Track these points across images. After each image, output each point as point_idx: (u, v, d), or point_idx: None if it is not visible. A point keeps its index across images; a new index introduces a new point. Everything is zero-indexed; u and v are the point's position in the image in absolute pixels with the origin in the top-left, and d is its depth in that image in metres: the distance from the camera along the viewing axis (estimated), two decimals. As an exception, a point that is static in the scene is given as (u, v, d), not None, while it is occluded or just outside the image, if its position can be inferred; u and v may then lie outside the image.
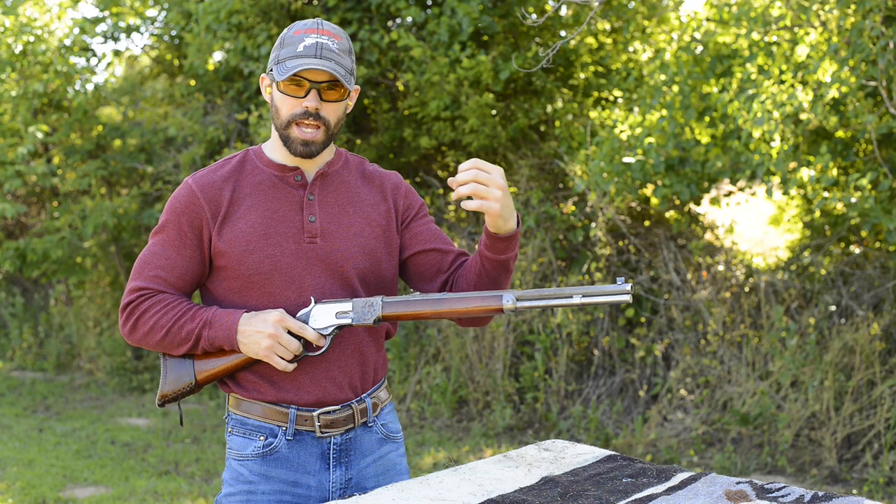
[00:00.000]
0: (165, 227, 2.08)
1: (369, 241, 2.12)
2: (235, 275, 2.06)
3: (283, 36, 2.05)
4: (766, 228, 7.39)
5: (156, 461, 5.74)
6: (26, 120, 7.75)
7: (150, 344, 2.06)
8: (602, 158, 6.01)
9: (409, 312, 2.00)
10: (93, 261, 8.34)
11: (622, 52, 7.28)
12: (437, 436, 6.16)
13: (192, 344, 2.03)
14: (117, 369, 8.03)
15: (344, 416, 2.10)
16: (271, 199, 2.07)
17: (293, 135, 2.03)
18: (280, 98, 2.03)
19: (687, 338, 6.13)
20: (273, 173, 2.09)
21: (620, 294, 1.91)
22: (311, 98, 2.00)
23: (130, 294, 2.07)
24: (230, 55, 7.29)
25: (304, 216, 2.07)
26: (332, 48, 2.01)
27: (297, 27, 2.04)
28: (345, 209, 2.11)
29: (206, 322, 2.02)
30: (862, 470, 5.21)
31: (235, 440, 2.11)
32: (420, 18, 6.77)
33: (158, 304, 2.05)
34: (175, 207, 2.07)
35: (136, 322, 2.06)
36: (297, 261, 2.05)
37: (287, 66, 1.99)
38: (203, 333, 2.01)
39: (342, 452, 2.11)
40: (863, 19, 5.00)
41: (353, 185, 2.15)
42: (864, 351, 5.40)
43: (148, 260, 2.08)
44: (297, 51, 1.99)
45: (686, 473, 2.02)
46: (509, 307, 1.95)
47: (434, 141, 6.94)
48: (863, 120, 4.99)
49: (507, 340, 6.52)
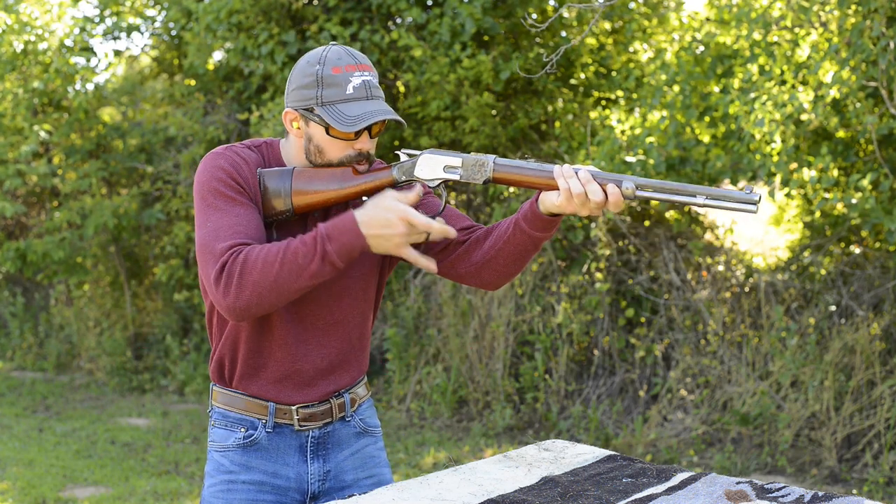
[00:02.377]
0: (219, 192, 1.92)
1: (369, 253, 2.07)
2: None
3: (320, 74, 1.93)
4: (766, 228, 7.39)
5: (156, 461, 5.74)
6: (27, 119, 7.76)
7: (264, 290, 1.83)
8: (603, 158, 6.01)
9: (520, 177, 1.90)
10: (93, 261, 8.34)
11: (623, 52, 7.28)
12: (437, 436, 6.16)
13: (319, 263, 1.83)
14: (117, 369, 8.03)
15: (322, 411, 2.11)
16: None
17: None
18: (328, 141, 1.95)
19: (687, 338, 6.13)
20: None
21: (747, 203, 1.79)
22: (365, 141, 1.96)
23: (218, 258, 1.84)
24: (230, 55, 7.29)
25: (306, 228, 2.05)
26: (375, 83, 1.95)
27: (334, 63, 1.93)
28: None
29: (323, 237, 1.83)
30: (862, 470, 5.20)
31: (217, 432, 2.12)
32: (421, 19, 6.77)
33: (255, 249, 1.84)
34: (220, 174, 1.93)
35: (240, 276, 1.82)
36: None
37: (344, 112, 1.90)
38: (327, 248, 1.82)
39: (320, 445, 2.13)
40: (863, 20, 5.00)
41: None
42: (865, 351, 5.40)
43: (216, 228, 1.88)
44: (346, 93, 1.91)
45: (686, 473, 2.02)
46: (629, 192, 1.84)
47: (434, 141, 6.94)
48: (863, 120, 4.99)
49: (507, 340, 6.52)
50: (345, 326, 2.11)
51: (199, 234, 1.90)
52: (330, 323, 2.08)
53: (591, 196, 1.85)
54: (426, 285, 7.05)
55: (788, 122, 5.19)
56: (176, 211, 7.93)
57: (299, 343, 2.06)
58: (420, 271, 7.13)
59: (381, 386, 7.04)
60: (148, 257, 8.47)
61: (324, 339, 2.09)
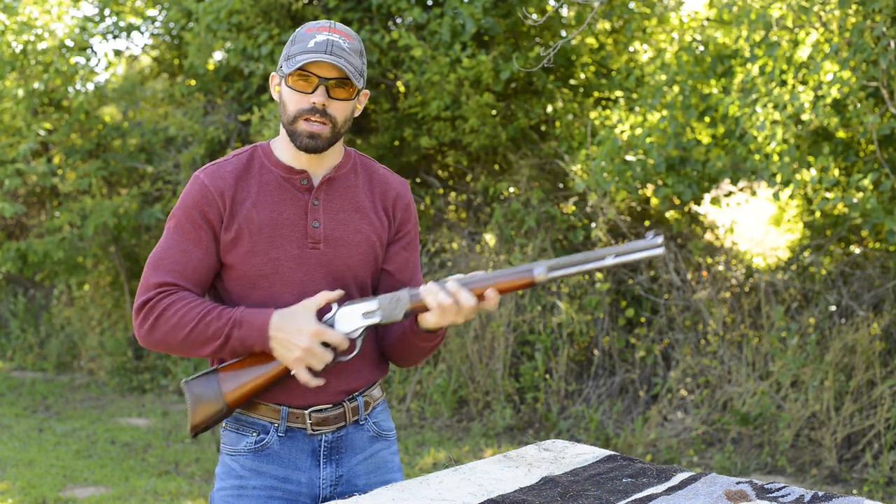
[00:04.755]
0: (179, 221, 2.04)
1: (372, 249, 2.11)
2: (238, 274, 2.05)
3: (296, 34, 2.04)
4: (766, 228, 7.39)
5: (156, 461, 5.74)
6: (27, 118, 7.76)
7: (171, 343, 1.99)
8: (603, 158, 6.01)
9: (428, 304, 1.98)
10: (93, 261, 8.34)
11: (623, 52, 7.28)
12: (437, 436, 6.16)
13: (221, 343, 1.97)
14: (118, 369, 8.03)
15: (335, 415, 2.10)
16: (277, 200, 2.06)
17: (300, 128, 2.01)
18: (288, 93, 2.02)
19: (687, 338, 6.13)
20: (280, 174, 2.08)
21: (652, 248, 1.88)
22: (319, 94, 1.99)
23: (148, 291, 2.00)
24: (230, 55, 7.29)
25: (308, 221, 2.06)
26: (343, 46, 1.99)
27: (310, 25, 2.03)
28: (350, 215, 2.10)
29: (235, 321, 1.96)
30: (862, 470, 5.20)
31: (228, 435, 2.11)
32: (422, 19, 6.77)
33: (181, 301, 1.98)
34: (187, 203, 2.04)
35: (156, 320, 1.98)
36: (298, 266, 2.04)
37: (296, 60, 1.98)
38: (233, 333, 1.96)
39: (333, 450, 2.12)
40: (864, 20, 5.00)
41: (359, 190, 2.13)
42: (865, 351, 5.40)
43: (163, 255, 2.03)
44: (307, 46, 1.98)
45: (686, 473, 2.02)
46: (542, 279, 1.92)
47: (434, 141, 6.94)
48: (864, 120, 4.99)
49: (508, 340, 6.52)
50: None
51: (155, 248, 2.06)
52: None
53: (463, 303, 1.94)
54: (426, 285, 7.05)
55: (789, 123, 5.19)
56: (176, 211, 7.93)
57: None
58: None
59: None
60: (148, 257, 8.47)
61: None
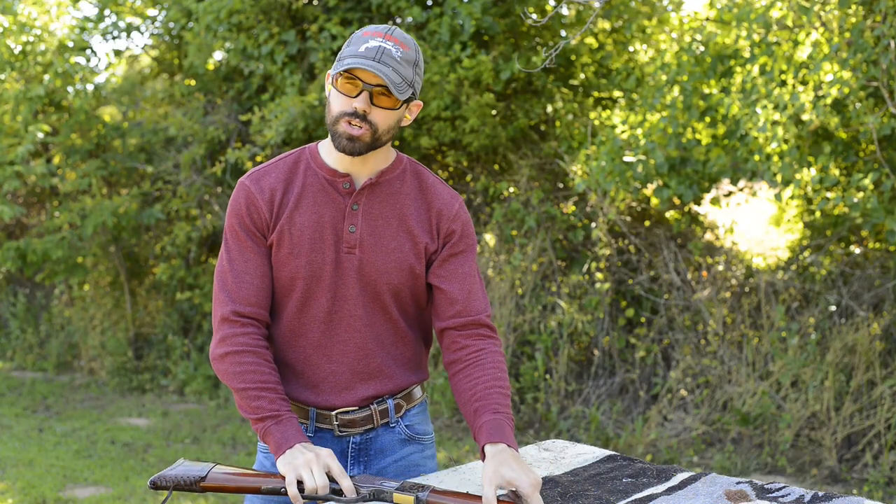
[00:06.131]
0: (233, 230, 2.08)
1: (408, 257, 2.08)
2: (278, 277, 2.07)
3: (353, 36, 2.04)
4: (766, 228, 7.39)
5: (156, 461, 5.74)
6: (27, 120, 7.75)
7: (224, 380, 2.05)
8: (603, 158, 6.01)
9: None
10: (93, 261, 8.34)
11: (623, 52, 7.28)
12: (437, 436, 6.17)
13: (255, 419, 1.99)
14: (118, 369, 8.03)
15: (362, 417, 2.10)
16: (319, 203, 2.06)
17: (340, 129, 2.00)
18: (334, 94, 2.01)
19: (687, 338, 6.13)
20: (324, 177, 2.08)
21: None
22: (362, 99, 1.98)
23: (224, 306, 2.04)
24: (230, 55, 7.29)
25: (345, 225, 2.06)
26: (395, 55, 1.97)
27: (368, 29, 2.02)
28: (388, 222, 2.08)
29: (278, 417, 1.97)
30: (862, 470, 5.20)
31: (262, 461, 2.15)
32: (421, 18, 6.77)
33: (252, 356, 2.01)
34: (237, 210, 2.07)
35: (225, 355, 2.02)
36: (334, 270, 2.05)
37: (344, 62, 1.97)
38: (268, 422, 1.97)
39: (361, 451, 2.12)
40: (864, 20, 5.00)
41: (403, 197, 2.11)
42: (865, 351, 5.40)
43: (228, 268, 2.06)
44: (358, 50, 1.97)
45: (686, 473, 2.02)
46: None
47: (434, 141, 6.94)
48: (864, 120, 4.98)
49: (508, 340, 6.52)
50: (374, 329, 2.09)
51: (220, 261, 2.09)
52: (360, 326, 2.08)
53: None
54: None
55: (789, 123, 5.19)
56: (176, 211, 7.93)
57: (334, 343, 2.08)
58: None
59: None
60: (148, 257, 8.47)
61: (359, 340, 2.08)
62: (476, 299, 2.11)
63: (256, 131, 6.97)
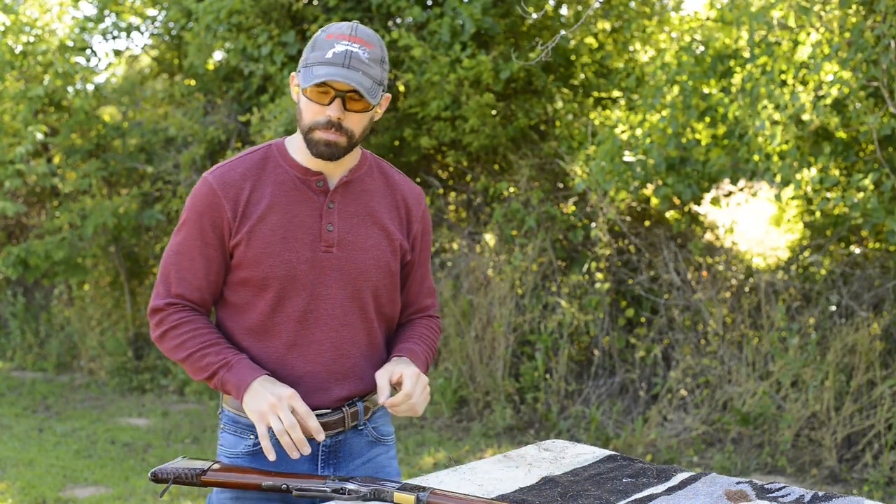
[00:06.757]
0: (187, 225, 2.05)
1: (385, 255, 2.09)
2: (248, 276, 2.04)
3: (316, 38, 2.00)
4: (766, 228, 7.39)
5: (156, 461, 5.74)
6: (27, 120, 7.75)
7: (174, 358, 2.06)
8: (603, 158, 6.01)
9: None
10: (93, 261, 8.34)
11: (622, 52, 7.28)
12: (437, 436, 6.16)
13: (208, 376, 2.00)
14: (118, 369, 8.03)
15: (334, 420, 2.08)
16: (292, 201, 2.04)
17: (316, 137, 1.98)
18: (305, 103, 1.98)
19: (687, 338, 6.13)
20: (296, 175, 2.06)
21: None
22: (335, 108, 1.96)
23: (159, 299, 2.06)
24: (230, 55, 7.29)
25: (322, 224, 2.04)
26: (362, 58, 1.95)
27: (332, 30, 1.99)
28: (364, 220, 2.08)
29: (227, 363, 1.98)
30: (862, 470, 5.21)
31: (227, 437, 2.11)
32: (421, 18, 6.77)
33: (190, 325, 2.03)
34: (196, 206, 2.05)
35: (164, 333, 2.04)
36: (311, 269, 2.03)
37: (314, 72, 1.94)
38: (220, 372, 1.98)
39: (331, 454, 2.11)
40: (864, 20, 5.00)
41: (375, 194, 2.12)
42: (865, 351, 5.40)
43: (172, 261, 2.06)
44: (325, 57, 1.94)
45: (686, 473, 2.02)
46: None
47: (434, 141, 6.94)
48: (864, 120, 4.98)
49: (508, 340, 6.52)
50: (350, 329, 2.08)
51: (167, 251, 2.08)
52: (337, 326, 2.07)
53: None
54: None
55: (790, 123, 5.19)
56: (176, 211, 7.93)
57: (310, 344, 2.05)
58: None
59: (381, 386, 7.04)
60: (148, 257, 8.47)
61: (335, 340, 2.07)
62: (430, 296, 2.25)
63: (256, 131, 6.97)
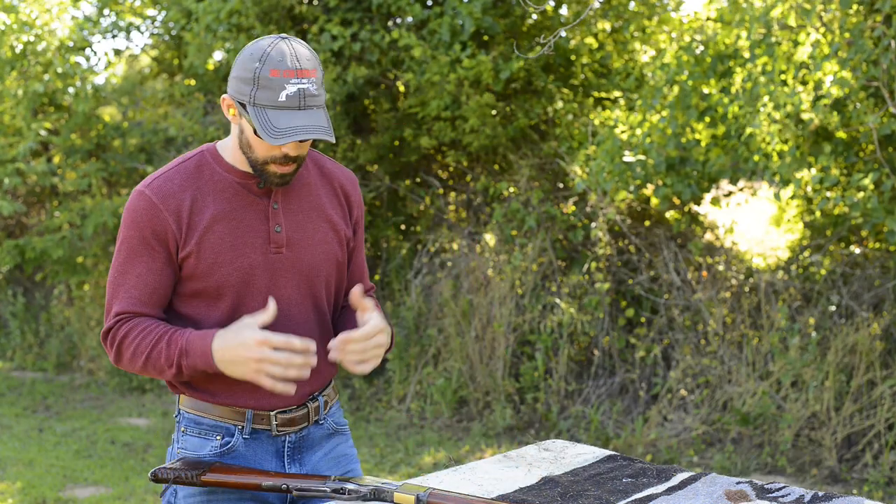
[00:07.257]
0: (130, 242, 1.99)
1: (333, 248, 2.11)
2: (200, 288, 2.01)
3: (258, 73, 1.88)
4: (766, 228, 7.39)
5: (156, 461, 5.74)
6: (27, 119, 7.76)
7: (137, 371, 2.00)
8: (603, 158, 6.01)
9: None
10: (93, 261, 8.34)
11: (622, 52, 7.28)
12: (437, 436, 6.16)
13: (176, 372, 1.95)
14: (118, 369, 8.03)
15: (300, 415, 2.10)
16: (236, 207, 2.01)
17: (270, 170, 1.96)
18: (256, 140, 1.94)
19: (687, 338, 6.13)
20: (235, 180, 2.02)
21: None
22: (292, 147, 1.94)
23: (109, 320, 2.01)
24: (230, 55, 7.28)
25: (269, 226, 2.03)
26: (313, 92, 1.89)
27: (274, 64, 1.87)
28: (309, 216, 2.08)
29: (182, 350, 1.93)
30: (862, 470, 5.20)
31: (190, 440, 2.07)
32: (422, 16, 6.76)
33: (135, 330, 1.97)
34: (137, 221, 1.98)
35: (118, 349, 1.99)
36: (265, 272, 2.02)
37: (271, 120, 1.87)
38: (182, 362, 1.94)
39: (296, 449, 2.12)
40: (864, 20, 5.00)
41: (314, 188, 2.11)
42: (865, 351, 5.40)
43: (119, 280, 2.00)
44: (278, 100, 1.87)
45: (686, 473, 2.02)
46: None
47: (434, 141, 6.94)
48: (864, 120, 4.99)
49: (508, 340, 6.52)
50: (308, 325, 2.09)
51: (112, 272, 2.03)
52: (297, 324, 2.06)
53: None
54: (427, 285, 7.05)
55: (790, 123, 5.19)
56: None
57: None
58: (420, 271, 7.13)
59: (381, 386, 7.04)
60: (109, 278, 8.46)
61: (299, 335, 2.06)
62: (365, 279, 2.25)
63: (256, 131, 6.96)
